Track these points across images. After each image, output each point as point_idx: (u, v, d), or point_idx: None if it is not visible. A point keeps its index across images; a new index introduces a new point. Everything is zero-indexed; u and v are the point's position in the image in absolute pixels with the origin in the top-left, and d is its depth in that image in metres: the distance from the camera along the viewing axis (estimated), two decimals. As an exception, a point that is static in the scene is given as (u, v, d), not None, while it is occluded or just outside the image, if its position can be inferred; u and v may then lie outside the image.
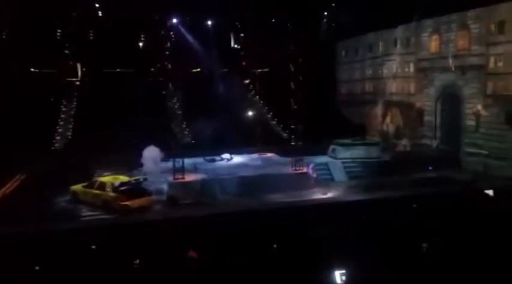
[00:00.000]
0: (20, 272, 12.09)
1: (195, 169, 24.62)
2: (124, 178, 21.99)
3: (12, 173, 25.54)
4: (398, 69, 36.21)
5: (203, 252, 13.26)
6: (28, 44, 36.22)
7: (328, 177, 26.74)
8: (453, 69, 29.40)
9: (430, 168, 27.57)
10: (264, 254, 13.21)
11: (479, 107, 28.40)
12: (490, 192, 20.65)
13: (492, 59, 27.58)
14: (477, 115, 28.58)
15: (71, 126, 34.49)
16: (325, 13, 42.94)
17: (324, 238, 13.80)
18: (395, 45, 36.25)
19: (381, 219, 16.33)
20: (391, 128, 37.19)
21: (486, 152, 27.58)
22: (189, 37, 40.38)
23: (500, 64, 27.03)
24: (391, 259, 11.66)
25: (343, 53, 43.88)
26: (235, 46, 46.11)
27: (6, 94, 32.63)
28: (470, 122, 29.14)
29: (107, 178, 22.28)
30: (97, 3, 40.55)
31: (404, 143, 33.51)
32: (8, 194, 23.13)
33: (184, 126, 34.59)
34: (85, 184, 22.23)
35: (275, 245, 13.96)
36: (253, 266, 12.03)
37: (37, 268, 12.35)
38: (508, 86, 26.33)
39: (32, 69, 38.86)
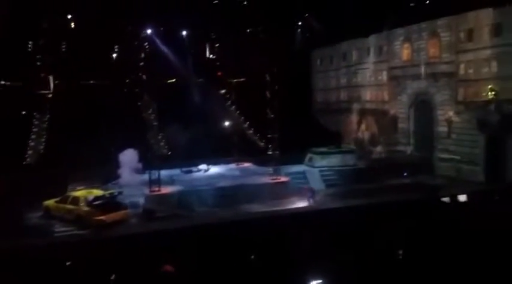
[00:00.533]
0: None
1: (172, 181, 24.38)
2: (98, 192, 21.61)
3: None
4: (372, 77, 36.80)
5: (180, 266, 13.05)
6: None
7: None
8: (425, 76, 30.02)
9: (405, 174, 28.00)
10: (243, 265, 13.09)
11: (451, 113, 29.06)
12: (463, 197, 21.05)
13: (462, 66, 28.32)
14: (449, 121, 29.22)
15: (43, 140, 33.68)
16: (300, 23, 43.37)
17: (302, 247, 13.77)
18: (369, 54, 36.88)
19: (358, 227, 16.41)
20: (366, 135, 37.67)
21: (458, 157, 28.19)
22: (164, 48, 40.14)
23: (470, 71, 27.77)
24: (367, 266, 11.71)
25: (318, 61, 44.37)
26: (211, 56, 46.06)
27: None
28: (443, 128, 29.76)
29: (80, 193, 21.85)
30: (69, 14, 39.98)
31: (379, 150, 33.99)
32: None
33: (160, 137, 34.21)
34: (58, 199, 21.75)
35: (253, 256, 13.86)
36: (231, 278, 11.90)
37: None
38: (478, 92, 27.03)
39: (3, 82, 37.93)
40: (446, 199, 20.77)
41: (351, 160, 29.38)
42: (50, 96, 39.25)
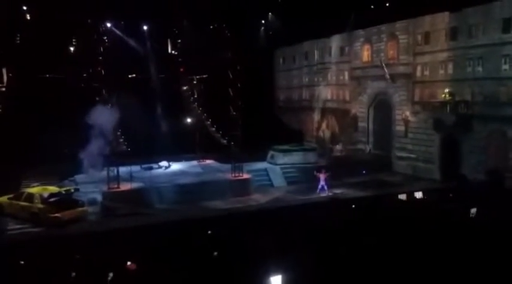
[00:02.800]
0: None
1: (131, 178, 23.85)
2: (54, 189, 20.88)
3: None
4: (333, 77, 37.43)
5: (141, 263, 12.81)
6: None
7: (268, 183, 27.03)
8: (388, 77, 30.81)
9: (364, 171, 28.66)
10: (204, 263, 12.98)
11: (408, 113, 29.99)
12: (419, 194, 21.74)
13: (419, 68, 29.28)
14: (406, 121, 30.15)
15: (-5, 135, 32.20)
16: (263, 21, 43.55)
17: (263, 243, 13.82)
18: (330, 54, 37.46)
19: (317, 221, 16.64)
20: (327, 134, 38.31)
21: (415, 156, 29.13)
22: (125, 42, 39.26)
23: (426, 73, 28.74)
24: (326, 260, 11.89)
25: (281, 60, 44.69)
26: (173, 52, 45.49)
27: None
28: (400, 128, 30.67)
29: (35, 189, 21.01)
30: (24, 6, 38.41)
31: (339, 148, 34.63)
32: None
33: (119, 133, 33.48)
34: (11, 196, 20.83)
35: (215, 253, 13.78)
36: (192, 275, 11.78)
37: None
38: (434, 93, 28.01)
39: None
40: (402, 196, 21.39)
41: (312, 158, 29.78)
42: (3, 90, 37.65)
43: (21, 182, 24.78)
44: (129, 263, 12.59)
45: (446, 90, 26.55)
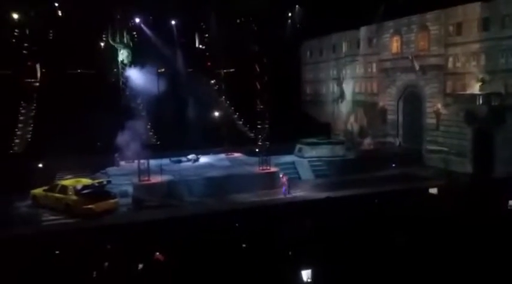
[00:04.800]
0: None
1: (161, 171, 24.28)
2: (87, 181, 21.49)
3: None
4: (361, 69, 36.95)
5: (170, 254, 13.06)
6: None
7: (295, 176, 27.02)
8: (417, 69, 30.24)
9: (393, 165, 28.27)
10: (233, 255, 13.13)
11: (439, 106, 29.36)
12: (450, 188, 21.33)
13: (451, 59, 28.59)
14: (437, 113, 29.53)
15: (30, 129, 33.27)
16: (289, 14, 43.28)
17: (292, 237, 13.86)
18: (358, 46, 36.97)
19: (346, 216, 16.56)
20: (355, 127, 37.91)
21: (446, 149, 28.53)
22: (153, 37, 39.73)
23: (459, 64, 28.05)
24: (356, 255, 11.83)
25: (308, 53, 44.39)
26: (200, 46, 45.77)
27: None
28: (431, 120, 30.07)
29: (68, 182, 21.70)
30: (56, 2, 39.35)
31: (368, 141, 34.23)
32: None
33: (149, 126, 34.02)
34: (46, 187, 21.60)
35: (244, 246, 13.92)
36: (220, 267, 11.93)
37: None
38: (466, 85, 27.32)
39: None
40: (433, 191, 20.99)
41: (340, 151, 29.60)
42: (37, 84, 38.77)
43: (56, 174, 25.54)
44: (157, 254, 12.86)
45: (481, 79, 25.87)
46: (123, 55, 28.20)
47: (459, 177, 25.58)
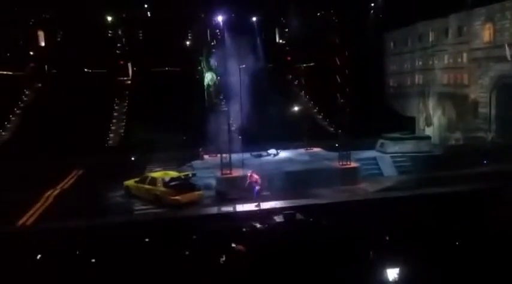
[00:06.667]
0: (77, 264, 12.71)
1: (242, 165, 24.90)
2: (174, 174, 22.59)
3: (69, 169, 26.95)
4: (450, 60, 34.90)
5: (251, 245, 13.44)
6: (82, 45, 37.98)
7: (377, 172, 26.34)
8: (510, 58, 28.01)
9: (485, 161, 26.47)
10: (312, 250, 13.19)
11: (539, 98, 26.95)
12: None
13: (553, 47, 26.07)
14: (536, 106, 27.14)
15: (123, 124, 35.78)
16: (372, 3, 41.98)
17: (374, 235, 13.61)
18: (447, 35, 34.95)
19: (433, 215, 15.90)
20: (443, 121, 35.96)
21: (546, 145, 26.17)
22: (235, 34, 40.65)
23: (561, 52, 25.50)
24: (443, 256, 11.36)
25: (392, 44, 42.79)
26: (280, 41, 46.06)
27: (64, 94, 34.42)
28: (529, 113, 27.71)
29: (157, 174, 22.96)
30: (146, 4, 41.74)
31: (457, 136, 32.34)
32: (66, 189, 24.41)
33: (231, 121, 34.99)
34: (137, 179, 22.98)
35: (323, 241, 13.92)
36: (302, 261, 12.03)
37: (93, 260, 12.91)
38: None
39: (86, 70, 40.61)
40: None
41: (425, 147, 28.29)
42: (129, 82, 41.48)
43: (146, 167, 27.25)
44: (233, 245, 13.26)
45: None
46: (207, 78, 29.59)
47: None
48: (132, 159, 28.22)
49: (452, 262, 11.15)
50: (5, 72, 37.26)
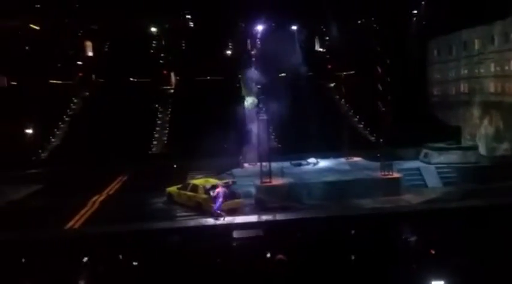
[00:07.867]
0: (120, 267, 13.07)
1: (282, 173, 24.92)
2: (215, 181, 22.86)
3: (115, 175, 27.83)
4: (497, 68, 33.68)
5: (291, 255, 13.40)
6: (127, 55, 39.30)
7: (421, 183, 25.70)
8: None
9: (536, 173, 25.30)
10: (353, 261, 13.03)
11: None
12: None
13: None
14: None
15: (166, 132, 36.62)
16: (415, 11, 41.18)
17: (418, 247, 13.29)
18: (493, 42, 33.79)
19: (480, 228, 15.35)
20: (490, 131, 34.66)
21: None
22: (275, 43, 40.90)
23: None
24: (490, 271, 10.95)
25: (435, 52, 41.75)
26: (321, 50, 45.90)
27: (110, 102, 35.67)
28: None
29: (199, 181, 23.31)
30: (188, 15, 42.71)
31: (505, 147, 31.10)
32: (112, 194, 25.22)
33: (270, 130, 35.13)
34: (179, 186, 23.40)
35: (364, 252, 13.71)
36: (344, 272, 11.89)
37: (135, 263, 13.21)
38: None
39: (131, 79, 41.95)
40: None
41: (472, 157, 27.37)
42: (172, 91, 42.49)
43: (187, 174, 27.74)
44: (279, 254, 13.26)
45: None
46: (247, 102, 30.06)
47: None
48: (175, 166, 28.76)
49: (500, 277, 10.73)
50: (55, 81, 39.03)
